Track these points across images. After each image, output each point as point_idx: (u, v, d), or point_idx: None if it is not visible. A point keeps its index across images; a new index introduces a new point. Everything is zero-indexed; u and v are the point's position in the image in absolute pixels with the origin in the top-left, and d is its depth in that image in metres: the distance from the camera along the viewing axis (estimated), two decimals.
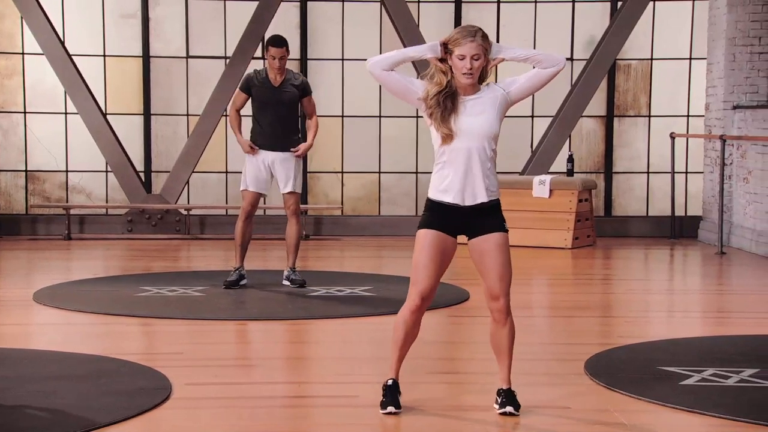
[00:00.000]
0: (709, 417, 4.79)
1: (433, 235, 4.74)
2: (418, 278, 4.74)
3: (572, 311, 7.67)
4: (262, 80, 8.20)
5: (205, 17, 12.42)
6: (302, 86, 8.26)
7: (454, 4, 12.48)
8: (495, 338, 4.82)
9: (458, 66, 4.68)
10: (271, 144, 8.19)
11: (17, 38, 12.17)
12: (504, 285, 4.73)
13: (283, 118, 8.21)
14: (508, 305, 4.75)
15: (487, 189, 4.74)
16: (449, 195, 4.73)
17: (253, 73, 8.30)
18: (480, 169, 4.72)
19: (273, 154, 8.20)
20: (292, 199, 8.24)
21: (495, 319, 4.78)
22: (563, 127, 12.22)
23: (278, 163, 8.20)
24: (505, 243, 4.77)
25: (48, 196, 12.37)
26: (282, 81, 8.19)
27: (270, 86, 8.18)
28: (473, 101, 4.74)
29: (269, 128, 8.19)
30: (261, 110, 8.23)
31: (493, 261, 4.73)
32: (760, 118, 10.98)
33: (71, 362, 5.75)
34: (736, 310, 7.97)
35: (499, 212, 4.81)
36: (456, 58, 4.68)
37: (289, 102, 8.22)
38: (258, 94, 8.20)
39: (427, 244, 4.74)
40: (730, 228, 11.45)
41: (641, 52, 12.55)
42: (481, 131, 4.71)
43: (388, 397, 4.81)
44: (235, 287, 8.19)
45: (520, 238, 10.98)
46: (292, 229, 8.25)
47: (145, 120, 12.40)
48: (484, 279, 4.78)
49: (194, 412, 4.87)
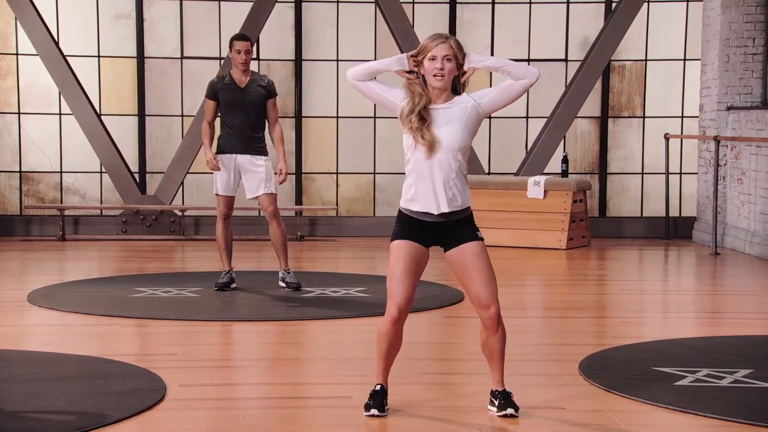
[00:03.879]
0: (703, 417, 4.80)
1: (407, 246, 4.70)
2: (395, 291, 4.69)
3: (567, 312, 7.67)
4: (227, 83, 8.12)
5: (200, 18, 12.42)
6: (269, 87, 8.16)
7: (448, 4, 12.49)
8: (487, 345, 4.79)
9: (429, 69, 4.63)
10: (240, 146, 8.09)
11: (11, 39, 12.15)
12: (491, 291, 4.69)
13: (250, 119, 8.11)
14: (499, 312, 4.71)
15: (450, 200, 4.67)
16: (416, 204, 4.71)
17: (216, 79, 8.22)
18: (442, 180, 4.65)
19: (242, 157, 8.11)
20: (268, 201, 8.15)
21: (487, 327, 4.74)
22: (558, 128, 12.23)
23: (247, 168, 8.10)
24: (483, 250, 4.73)
25: (42, 197, 12.35)
26: (248, 82, 8.11)
27: (236, 87, 8.10)
28: (443, 111, 4.68)
29: (237, 130, 8.09)
30: (228, 113, 8.13)
31: (473, 269, 4.69)
32: (754, 119, 11.00)
33: (65, 363, 5.75)
34: (730, 311, 7.98)
35: (470, 222, 4.76)
36: (427, 61, 4.63)
37: (257, 102, 8.11)
38: (225, 97, 8.10)
39: (401, 255, 4.70)
40: (724, 229, 11.47)
41: (635, 53, 12.57)
42: (444, 144, 4.63)
43: (374, 401, 4.79)
44: (228, 289, 8.18)
45: (515, 239, 10.99)
46: (276, 232, 8.18)
47: (140, 121, 12.39)
48: (469, 290, 4.73)
49: (188, 414, 4.87)
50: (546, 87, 12.48)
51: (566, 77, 12.51)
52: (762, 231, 10.64)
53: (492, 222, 10.79)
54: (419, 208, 4.70)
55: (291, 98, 12.47)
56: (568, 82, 12.44)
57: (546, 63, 12.52)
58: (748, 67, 11.56)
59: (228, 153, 8.12)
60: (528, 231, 11.10)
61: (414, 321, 5.82)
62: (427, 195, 4.68)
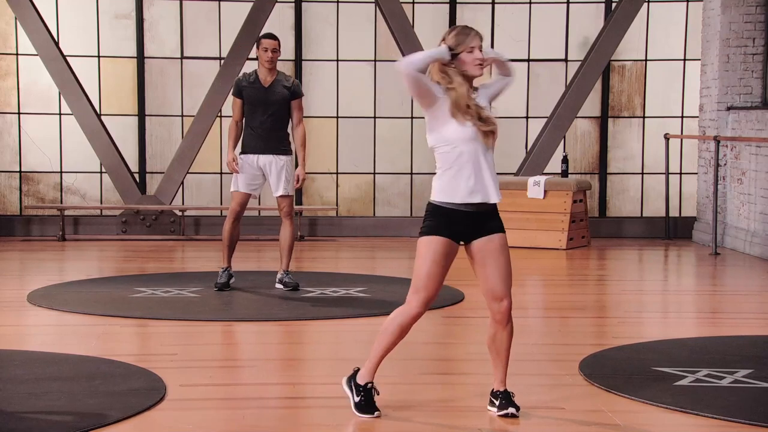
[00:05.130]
0: (703, 417, 4.80)
1: (441, 243, 4.67)
2: (425, 285, 4.65)
3: (567, 312, 7.67)
4: (251, 81, 8.14)
5: (200, 18, 12.41)
6: (293, 88, 8.19)
7: (448, 4, 12.49)
8: (495, 340, 4.79)
9: (469, 60, 4.65)
10: (263, 146, 8.13)
11: (11, 39, 12.15)
12: (507, 286, 4.71)
13: (273, 119, 8.13)
14: (510, 307, 4.73)
15: (497, 189, 4.71)
16: (458, 196, 4.66)
17: (242, 76, 8.25)
18: (488, 168, 4.68)
19: (264, 157, 8.14)
20: (285, 202, 8.20)
21: (497, 321, 4.74)
22: (558, 128, 12.23)
23: (270, 166, 8.15)
24: (506, 244, 4.77)
25: (42, 197, 12.35)
26: (272, 81, 8.14)
27: (260, 86, 8.12)
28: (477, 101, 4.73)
29: (260, 130, 8.12)
30: (251, 111, 8.15)
31: (496, 262, 4.70)
32: (754, 119, 11.00)
33: (65, 363, 5.75)
34: (730, 311, 7.98)
35: (498, 213, 4.80)
36: (465, 53, 4.66)
37: (280, 102, 8.13)
38: (248, 95, 8.13)
39: (435, 251, 4.66)
40: (724, 229, 11.47)
41: (635, 53, 12.57)
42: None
43: (371, 401, 4.80)
44: (227, 288, 8.18)
45: (515, 239, 10.97)
46: (286, 232, 8.22)
47: (140, 121, 12.39)
48: (485, 280, 4.73)
49: (188, 413, 4.87)
50: (546, 87, 12.49)
51: (566, 77, 12.51)
52: (762, 231, 10.64)
53: None
54: (480, 198, 4.65)
55: None
56: (568, 82, 12.44)
57: (546, 63, 12.53)
58: (748, 67, 11.56)
59: (251, 153, 8.14)
60: (528, 231, 11.11)
61: None
62: (476, 185, 4.64)
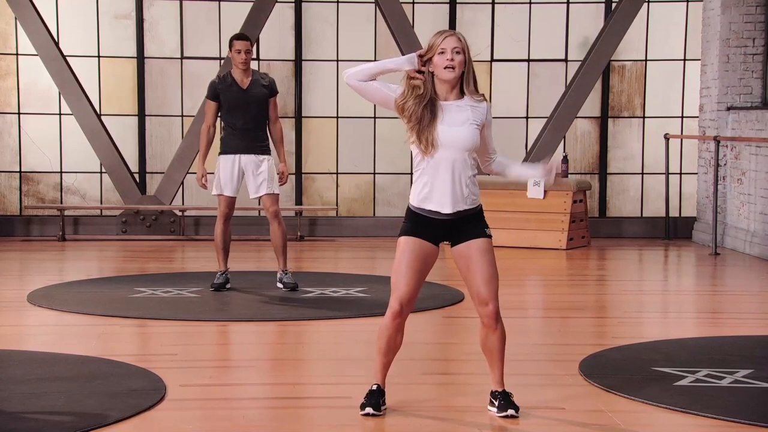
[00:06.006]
0: (703, 418, 4.80)
1: (414, 243, 4.70)
2: (398, 284, 4.70)
3: (567, 312, 7.67)
4: (228, 84, 8.10)
5: (200, 18, 12.41)
6: (270, 86, 8.17)
7: (448, 5, 12.48)
8: (486, 343, 4.80)
9: (439, 63, 4.61)
10: (244, 146, 8.09)
11: (11, 39, 12.15)
12: (491, 289, 4.70)
13: (254, 119, 8.10)
14: (497, 310, 4.72)
15: (468, 198, 4.70)
16: (430, 203, 4.69)
17: (217, 79, 8.19)
18: (460, 178, 4.67)
19: (246, 157, 8.10)
20: (270, 201, 8.15)
21: (485, 324, 4.75)
22: (558, 128, 12.23)
23: (250, 168, 8.09)
24: (489, 248, 4.76)
25: (42, 197, 12.35)
26: (250, 82, 8.10)
27: (238, 89, 8.07)
28: (456, 107, 4.68)
29: (241, 131, 8.08)
30: (231, 114, 8.10)
31: (477, 266, 4.71)
32: (754, 119, 11.00)
33: (65, 363, 5.75)
34: (730, 311, 7.98)
35: (481, 218, 4.80)
36: (436, 56, 4.61)
37: (260, 103, 8.10)
38: (227, 99, 8.07)
39: (407, 250, 4.70)
40: (724, 229, 11.47)
41: (635, 53, 12.57)
42: (464, 144, 4.66)
43: (370, 400, 4.79)
44: (223, 290, 8.17)
45: (515, 239, 10.99)
46: (276, 232, 8.18)
47: (140, 121, 12.39)
48: (470, 285, 4.76)
49: (188, 414, 4.87)
50: (546, 87, 12.48)
51: (566, 77, 12.51)
52: (762, 231, 10.64)
53: (492, 222, 10.55)
54: (433, 207, 4.68)
55: (291, 98, 12.47)
56: (568, 82, 12.44)
57: (546, 63, 12.53)
58: (748, 67, 11.56)
59: (231, 153, 8.12)
60: (528, 231, 11.10)
61: (414, 321, 5.82)
62: (445, 193, 4.66)
